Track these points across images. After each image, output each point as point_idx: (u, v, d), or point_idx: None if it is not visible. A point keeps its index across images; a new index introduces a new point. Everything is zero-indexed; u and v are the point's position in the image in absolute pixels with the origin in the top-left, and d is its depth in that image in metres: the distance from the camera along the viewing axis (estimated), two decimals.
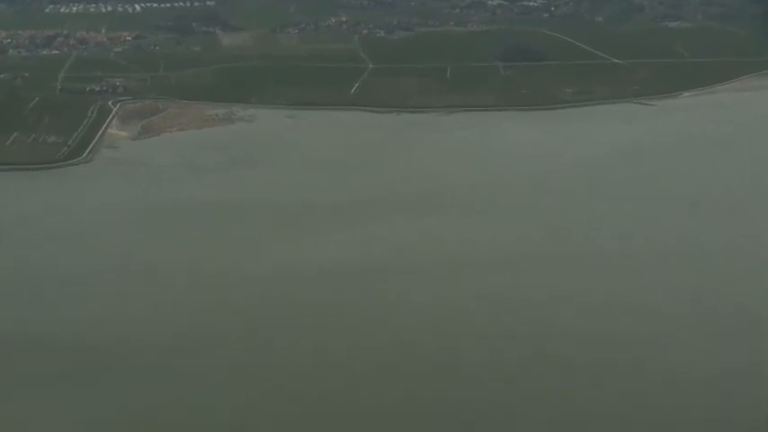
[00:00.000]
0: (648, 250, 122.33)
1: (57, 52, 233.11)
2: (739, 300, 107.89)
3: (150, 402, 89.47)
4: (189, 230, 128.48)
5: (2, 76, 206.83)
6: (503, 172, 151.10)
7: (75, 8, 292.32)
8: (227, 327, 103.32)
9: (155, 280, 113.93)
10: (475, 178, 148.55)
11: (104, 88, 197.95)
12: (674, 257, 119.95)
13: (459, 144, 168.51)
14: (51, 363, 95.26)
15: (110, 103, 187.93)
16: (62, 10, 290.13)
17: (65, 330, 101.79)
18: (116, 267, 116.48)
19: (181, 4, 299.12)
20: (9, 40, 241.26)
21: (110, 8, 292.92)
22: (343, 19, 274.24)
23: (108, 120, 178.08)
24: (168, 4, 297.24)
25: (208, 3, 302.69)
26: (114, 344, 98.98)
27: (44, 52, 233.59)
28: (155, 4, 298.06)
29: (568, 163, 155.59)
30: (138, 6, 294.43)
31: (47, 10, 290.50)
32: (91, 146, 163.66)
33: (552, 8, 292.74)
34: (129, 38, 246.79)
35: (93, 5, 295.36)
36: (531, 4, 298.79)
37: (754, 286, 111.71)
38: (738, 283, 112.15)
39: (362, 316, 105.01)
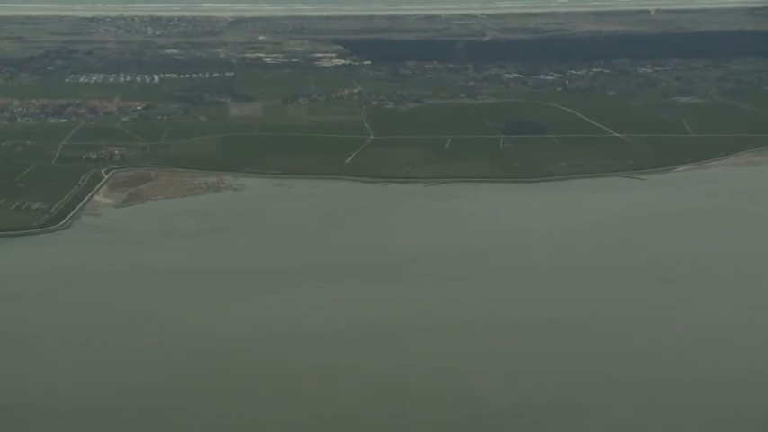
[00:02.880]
0: (610, 320, 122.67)
1: (65, 121, 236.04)
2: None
3: None
4: (144, 297, 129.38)
5: (3, 144, 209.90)
6: (478, 241, 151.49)
7: (94, 78, 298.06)
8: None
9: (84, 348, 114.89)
10: (451, 247, 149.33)
11: (102, 156, 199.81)
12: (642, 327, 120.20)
13: (441, 214, 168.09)
14: None
15: (102, 171, 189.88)
16: (81, 80, 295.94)
17: None
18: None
19: (200, 75, 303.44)
20: (20, 109, 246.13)
21: (128, 78, 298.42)
22: (356, 90, 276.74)
23: (96, 187, 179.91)
24: (187, 75, 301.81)
25: (227, 74, 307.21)
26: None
27: (52, 121, 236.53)
28: (174, 75, 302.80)
29: (541, 234, 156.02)
30: (156, 77, 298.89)
31: (66, 80, 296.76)
32: (72, 213, 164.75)
33: (567, 82, 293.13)
34: (139, 107, 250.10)
35: (113, 76, 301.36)
36: (547, 78, 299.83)
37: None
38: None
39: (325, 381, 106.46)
